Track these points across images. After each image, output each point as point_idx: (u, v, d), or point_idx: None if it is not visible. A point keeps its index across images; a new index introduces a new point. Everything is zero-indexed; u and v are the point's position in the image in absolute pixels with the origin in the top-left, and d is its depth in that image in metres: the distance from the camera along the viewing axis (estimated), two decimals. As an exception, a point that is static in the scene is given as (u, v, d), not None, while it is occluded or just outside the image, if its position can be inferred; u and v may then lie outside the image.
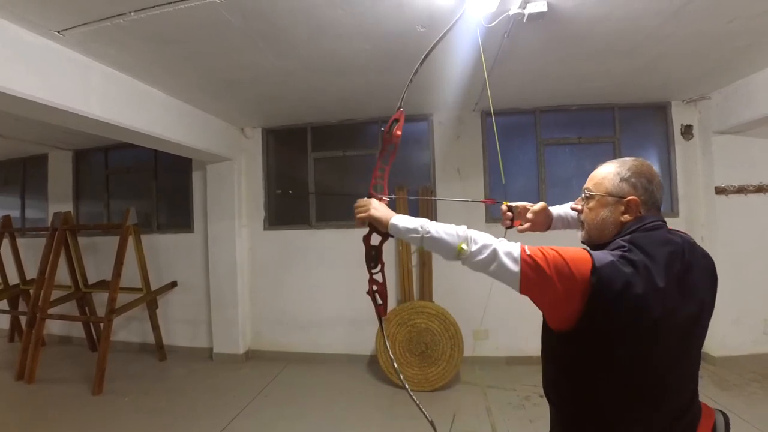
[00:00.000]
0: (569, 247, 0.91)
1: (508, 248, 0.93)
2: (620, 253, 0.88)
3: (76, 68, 2.42)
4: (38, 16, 2.02)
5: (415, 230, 1.07)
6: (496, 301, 3.70)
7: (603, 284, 0.83)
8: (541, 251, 0.90)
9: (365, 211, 1.20)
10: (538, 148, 3.93)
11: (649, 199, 0.97)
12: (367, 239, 1.37)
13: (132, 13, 2.01)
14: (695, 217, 3.73)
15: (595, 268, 0.84)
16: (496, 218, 3.95)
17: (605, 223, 0.99)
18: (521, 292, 0.92)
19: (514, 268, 0.90)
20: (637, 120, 3.89)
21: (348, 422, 2.88)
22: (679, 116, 3.79)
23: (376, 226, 1.21)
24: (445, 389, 3.34)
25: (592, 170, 1.07)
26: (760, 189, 3.55)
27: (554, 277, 0.86)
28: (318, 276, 4.17)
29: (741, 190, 3.55)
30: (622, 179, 0.98)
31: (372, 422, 2.87)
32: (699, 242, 0.94)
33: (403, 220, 1.12)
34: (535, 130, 3.93)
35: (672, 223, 3.89)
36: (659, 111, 3.86)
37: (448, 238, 1.01)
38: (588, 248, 0.95)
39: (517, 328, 3.72)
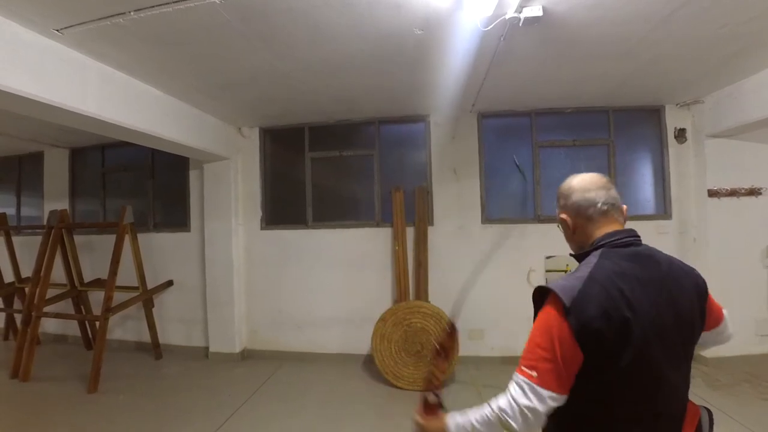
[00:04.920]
0: (535, 322, 0.94)
1: (519, 388, 0.92)
2: (588, 272, 0.92)
3: (74, 67, 2.43)
4: (37, 14, 2.03)
5: None
6: (491, 301, 3.73)
7: (579, 318, 0.86)
8: (529, 355, 0.92)
9: None
10: (533, 150, 3.96)
11: (577, 212, 1.03)
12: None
13: (132, 13, 2.02)
14: (687, 219, 3.77)
15: (566, 310, 0.87)
16: (492, 219, 3.98)
17: (569, 239, 1.10)
18: (557, 390, 0.90)
19: (540, 391, 0.90)
20: (631, 123, 3.93)
21: (343, 421, 2.90)
22: (672, 120, 3.85)
23: None
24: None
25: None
26: (751, 192, 3.60)
27: (556, 354, 0.88)
28: (314, 276, 4.19)
29: (733, 192, 3.61)
30: (557, 204, 1.11)
31: (367, 421, 2.89)
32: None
33: None
34: (530, 132, 3.97)
35: (664, 225, 3.88)
36: (653, 114, 3.91)
37: (487, 430, 0.94)
38: (551, 287, 0.93)
39: (511, 328, 3.75)
